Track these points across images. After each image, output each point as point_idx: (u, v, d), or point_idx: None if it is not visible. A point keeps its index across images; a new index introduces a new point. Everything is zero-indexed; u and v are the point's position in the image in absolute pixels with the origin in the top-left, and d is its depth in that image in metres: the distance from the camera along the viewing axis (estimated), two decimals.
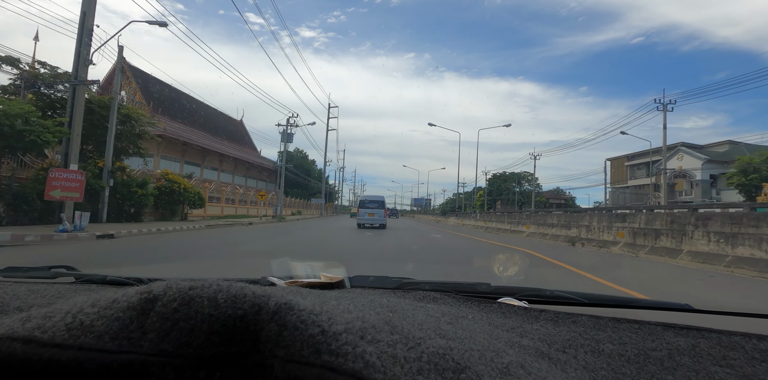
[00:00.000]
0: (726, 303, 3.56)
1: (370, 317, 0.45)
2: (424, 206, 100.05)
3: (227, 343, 0.40)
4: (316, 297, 0.65)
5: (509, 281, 3.83)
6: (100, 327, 0.40)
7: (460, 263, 7.91)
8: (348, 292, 0.86)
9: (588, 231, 13.69)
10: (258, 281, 0.99)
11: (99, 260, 6.90)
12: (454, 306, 0.81)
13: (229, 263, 6.58)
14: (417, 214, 76.98)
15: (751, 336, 0.66)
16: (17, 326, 0.40)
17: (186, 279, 0.46)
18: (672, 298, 1.09)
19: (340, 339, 0.37)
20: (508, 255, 9.54)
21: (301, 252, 8.77)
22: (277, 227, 19.24)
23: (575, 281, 6.11)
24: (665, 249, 9.84)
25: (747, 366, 0.56)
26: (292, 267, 1.04)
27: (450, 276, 6.07)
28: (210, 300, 0.41)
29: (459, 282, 1.10)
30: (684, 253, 9.18)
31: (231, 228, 17.60)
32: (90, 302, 0.43)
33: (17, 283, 0.91)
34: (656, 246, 10.24)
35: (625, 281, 6.14)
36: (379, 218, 23.28)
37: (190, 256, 7.80)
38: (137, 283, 0.99)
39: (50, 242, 9.50)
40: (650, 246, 10.41)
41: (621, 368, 0.55)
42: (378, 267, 6.91)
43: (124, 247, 9.02)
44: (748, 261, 7.66)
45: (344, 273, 0.97)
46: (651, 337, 0.66)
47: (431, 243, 12.86)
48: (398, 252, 9.43)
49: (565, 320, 0.75)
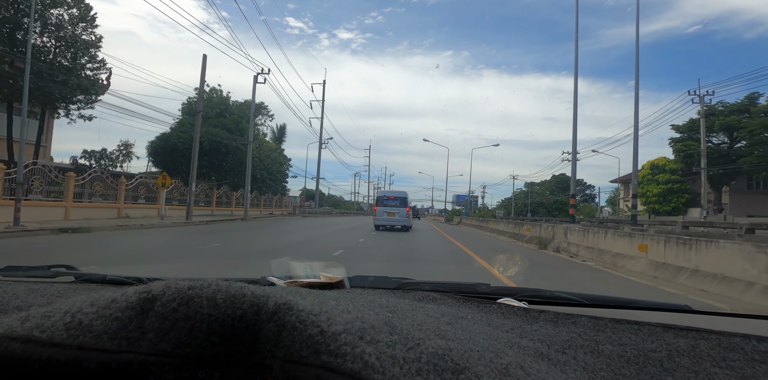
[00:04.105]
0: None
1: (370, 317, 0.45)
2: (472, 206, 64.78)
3: (226, 343, 0.40)
4: (315, 297, 0.65)
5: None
6: (99, 326, 0.40)
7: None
8: (347, 292, 0.86)
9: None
10: (257, 281, 0.99)
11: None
12: (454, 307, 0.81)
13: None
14: (458, 218, 46.25)
15: (750, 338, 0.66)
16: (16, 325, 0.40)
17: (185, 279, 0.46)
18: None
19: (339, 340, 0.37)
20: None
21: None
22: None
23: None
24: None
25: (747, 368, 0.56)
26: (291, 267, 1.04)
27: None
28: (209, 300, 0.41)
29: (458, 283, 1.10)
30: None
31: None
32: (89, 301, 0.43)
33: (17, 282, 0.91)
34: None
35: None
36: (400, 218, 19.38)
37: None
38: (136, 283, 0.99)
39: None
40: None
41: (621, 369, 0.55)
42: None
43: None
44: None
45: (344, 273, 0.97)
46: (651, 338, 0.66)
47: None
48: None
49: (564, 321, 0.75)
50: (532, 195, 60.44)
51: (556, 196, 57.66)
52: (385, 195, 21.15)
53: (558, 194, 57.34)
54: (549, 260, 10.06)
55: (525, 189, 63.60)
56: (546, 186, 62.52)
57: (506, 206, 60.80)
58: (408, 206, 20.38)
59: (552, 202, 56.21)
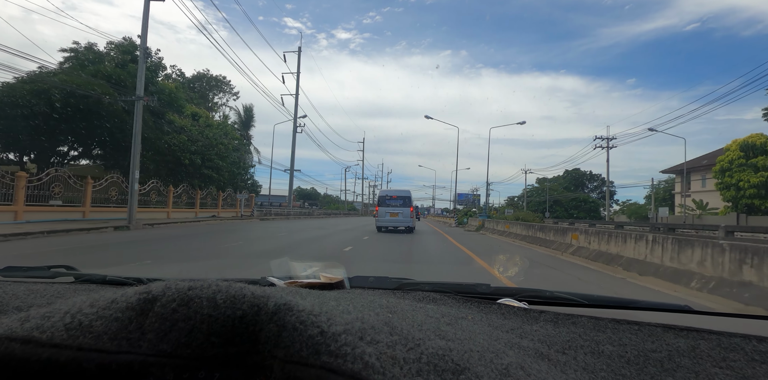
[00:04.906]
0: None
1: (370, 318, 0.45)
2: (473, 205, 56.07)
3: (226, 344, 0.40)
4: (315, 298, 0.65)
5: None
6: (99, 327, 0.40)
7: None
8: (347, 293, 0.86)
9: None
10: (257, 281, 0.99)
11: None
12: (454, 307, 0.81)
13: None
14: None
15: (750, 338, 0.66)
16: (16, 326, 0.40)
17: (185, 280, 0.46)
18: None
19: (339, 340, 0.37)
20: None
21: None
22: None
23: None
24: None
25: (747, 368, 0.56)
26: (291, 268, 1.04)
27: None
28: (209, 301, 0.41)
29: (458, 283, 1.10)
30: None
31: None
32: (89, 302, 0.43)
33: (17, 283, 0.91)
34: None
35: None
36: (404, 218, 17.98)
37: None
38: (136, 283, 0.99)
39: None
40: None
41: (621, 369, 0.55)
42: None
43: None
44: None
45: (344, 274, 0.97)
46: (651, 338, 0.66)
47: None
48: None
49: (564, 321, 0.75)
50: (545, 192, 52.10)
51: (573, 193, 51.35)
52: (388, 195, 19.24)
53: (573, 191, 51.73)
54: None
55: (537, 185, 56.54)
56: (560, 182, 55.14)
57: (515, 204, 53.98)
58: (412, 205, 18.85)
59: (569, 200, 49.42)
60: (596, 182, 57.49)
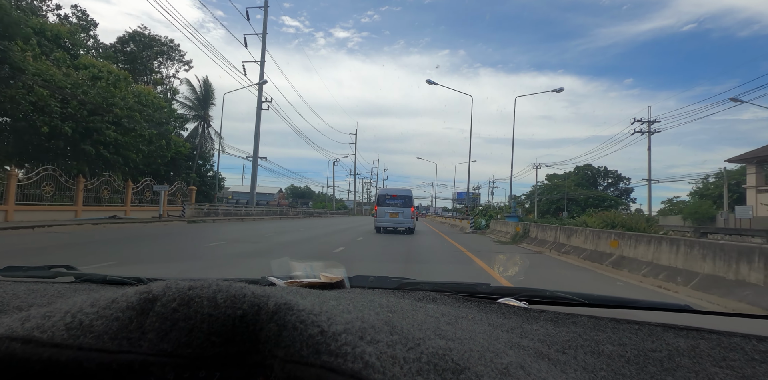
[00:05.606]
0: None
1: (370, 317, 0.45)
2: (473, 204, 44.89)
3: (227, 343, 0.40)
4: (315, 297, 0.65)
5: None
6: (100, 326, 0.40)
7: None
8: (348, 292, 0.86)
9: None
10: (257, 281, 0.99)
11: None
12: (454, 307, 0.81)
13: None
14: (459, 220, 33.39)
15: (750, 337, 0.66)
16: (17, 325, 0.40)
17: (185, 279, 0.46)
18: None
19: (339, 340, 0.37)
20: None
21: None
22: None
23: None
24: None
25: (747, 368, 0.56)
26: (291, 267, 1.04)
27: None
28: (209, 300, 0.41)
29: (459, 283, 1.10)
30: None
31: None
32: (89, 302, 0.43)
33: (17, 282, 0.91)
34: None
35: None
36: (404, 219, 17.36)
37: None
38: (137, 283, 0.99)
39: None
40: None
41: (621, 369, 0.55)
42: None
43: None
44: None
45: (344, 273, 0.97)
46: (651, 338, 0.66)
47: None
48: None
49: (564, 320, 0.75)
50: (556, 190, 47.76)
51: (589, 190, 46.57)
52: (388, 194, 18.30)
53: (587, 188, 47.32)
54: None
55: (547, 182, 52.27)
56: (572, 179, 50.36)
57: (522, 203, 49.36)
58: (413, 205, 18.02)
59: (585, 198, 44.03)
60: (611, 179, 53.42)
